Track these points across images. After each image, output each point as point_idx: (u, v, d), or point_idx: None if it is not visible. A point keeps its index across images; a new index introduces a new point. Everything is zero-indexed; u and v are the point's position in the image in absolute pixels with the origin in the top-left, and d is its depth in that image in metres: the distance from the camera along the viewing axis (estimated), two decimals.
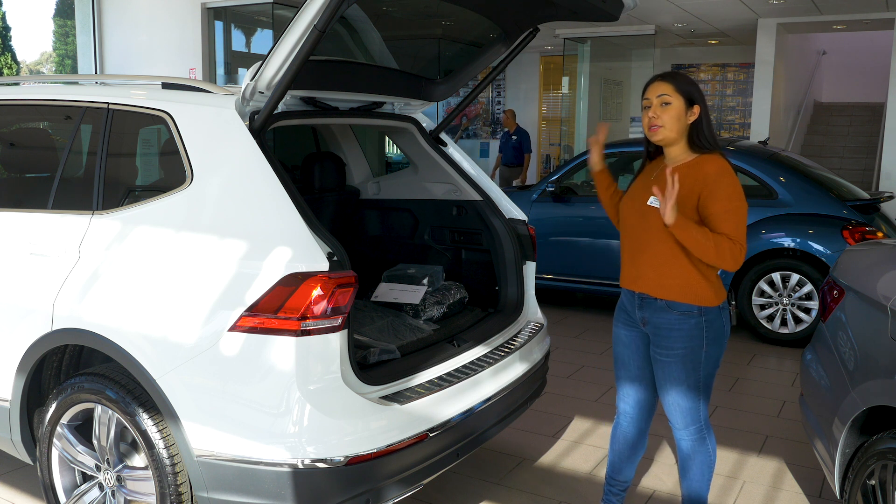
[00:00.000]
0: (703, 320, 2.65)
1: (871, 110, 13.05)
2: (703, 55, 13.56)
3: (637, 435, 2.95)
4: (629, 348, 2.86)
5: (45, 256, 2.88)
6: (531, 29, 3.36)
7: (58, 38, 23.45)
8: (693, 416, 2.75)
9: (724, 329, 2.73)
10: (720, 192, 2.56)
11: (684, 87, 2.62)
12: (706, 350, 2.68)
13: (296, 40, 2.44)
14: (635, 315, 2.78)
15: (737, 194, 2.59)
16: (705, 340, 2.67)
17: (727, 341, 2.77)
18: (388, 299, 3.59)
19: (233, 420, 2.44)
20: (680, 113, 2.61)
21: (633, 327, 2.83)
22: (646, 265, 2.70)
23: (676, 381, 2.71)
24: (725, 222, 2.55)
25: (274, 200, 2.51)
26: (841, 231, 5.66)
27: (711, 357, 2.70)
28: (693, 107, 2.62)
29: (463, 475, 3.59)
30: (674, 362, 2.69)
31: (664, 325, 2.68)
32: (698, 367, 2.69)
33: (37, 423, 2.99)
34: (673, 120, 2.61)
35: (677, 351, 2.68)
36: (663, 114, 2.61)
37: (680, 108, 2.61)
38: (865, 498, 2.53)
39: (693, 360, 2.68)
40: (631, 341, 2.85)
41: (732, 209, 2.57)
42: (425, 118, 3.79)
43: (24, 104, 3.41)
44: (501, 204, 3.66)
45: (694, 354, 2.67)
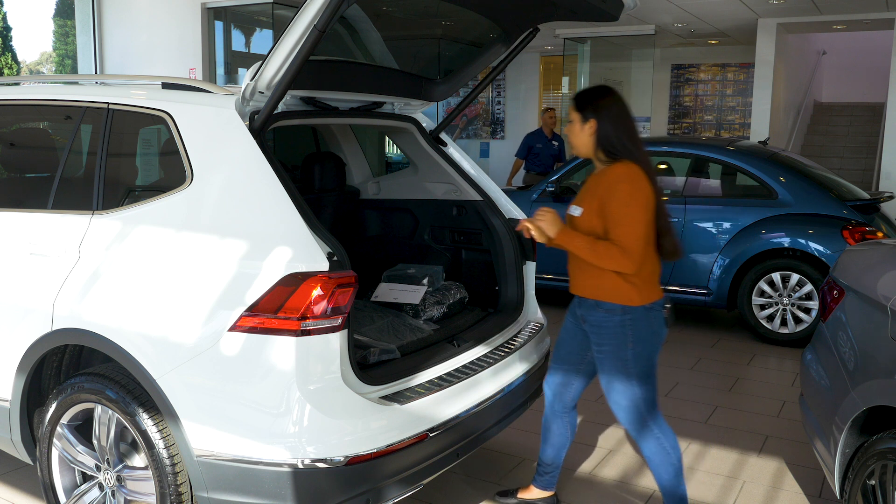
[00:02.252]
0: (626, 319, 2.80)
1: (871, 110, 13.04)
2: (703, 55, 13.56)
3: (551, 417, 3.14)
4: (568, 333, 3.08)
5: (45, 256, 2.88)
6: (531, 29, 3.36)
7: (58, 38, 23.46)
8: (633, 414, 2.88)
9: (653, 329, 2.86)
10: (614, 197, 2.71)
11: (581, 105, 2.84)
12: (632, 349, 2.82)
13: (296, 40, 2.44)
14: (578, 311, 2.99)
15: (629, 200, 2.70)
16: (630, 339, 2.81)
17: (660, 342, 2.91)
18: (388, 299, 3.58)
19: (233, 420, 2.44)
20: (577, 130, 2.85)
21: (576, 321, 3.03)
22: (575, 268, 2.92)
23: (609, 378, 2.88)
24: (615, 226, 2.70)
25: (274, 200, 2.51)
26: (841, 231, 5.66)
27: (640, 356, 2.83)
28: (587, 122, 2.81)
29: (463, 475, 3.59)
30: (605, 359, 2.87)
31: (594, 322, 2.87)
32: (626, 365, 2.83)
33: (37, 423, 2.99)
34: (575, 136, 2.86)
35: (605, 348, 2.86)
36: (569, 132, 2.89)
37: (577, 125, 2.85)
38: (865, 498, 2.53)
39: (620, 358, 2.83)
40: (571, 328, 3.07)
41: (622, 214, 2.69)
42: (425, 118, 3.78)
43: (24, 104, 3.41)
44: (501, 204, 3.66)
45: (619, 352, 2.82)
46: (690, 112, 14.00)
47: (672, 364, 5.41)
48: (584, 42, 12.07)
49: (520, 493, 3.30)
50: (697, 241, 6.17)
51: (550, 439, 3.19)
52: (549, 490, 3.27)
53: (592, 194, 2.79)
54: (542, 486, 3.27)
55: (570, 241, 2.75)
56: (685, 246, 6.20)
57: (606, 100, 2.82)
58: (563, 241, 2.76)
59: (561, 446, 3.20)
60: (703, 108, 13.89)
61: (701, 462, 3.80)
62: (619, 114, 2.81)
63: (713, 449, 3.96)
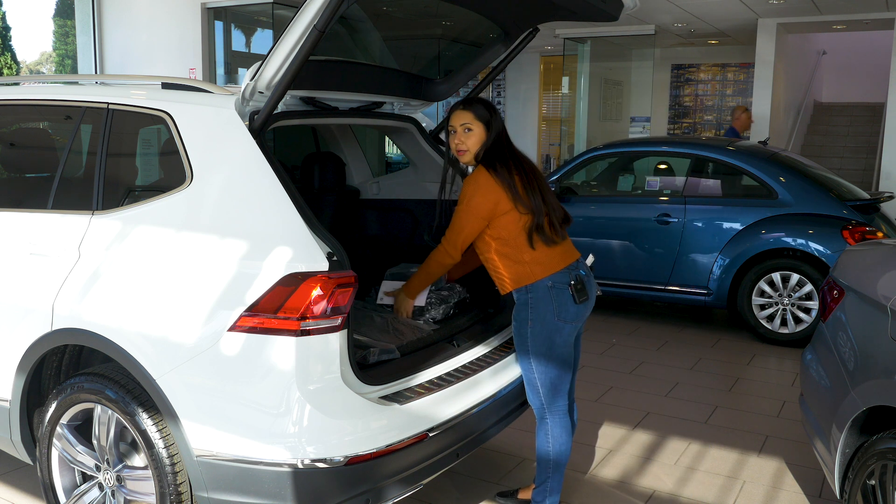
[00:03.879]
0: (528, 297, 2.94)
1: (871, 110, 13.04)
2: (703, 55, 13.56)
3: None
4: None
5: (44, 256, 2.88)
6: (531, 29, 3.36)
7: (58, 38, 23.46)
8: (533, 389, 3.03)
9: (552, 307, 2.93)
10: (462, 193, 2.95)
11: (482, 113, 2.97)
12: (531, 327, 2.94)
13: (296, 40, 2.44)
14: None
15: (467, 195, 2.92)
16: (530, 317, 2.94)
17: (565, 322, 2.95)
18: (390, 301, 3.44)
19: (232, 420, 2.44)
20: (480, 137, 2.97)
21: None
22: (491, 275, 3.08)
23: (519, 356, 3.03)
24: (451, 220, 2.97)
25: (274, 200, 2.51)
26: (841, 231, 5.66)
27: (537, 335, 2.94)
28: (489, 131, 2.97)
29: (463, 475, 3.59)
30: (514, 334, 3.03)
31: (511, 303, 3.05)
32: (525, 341, 2.96)
33: (37, 423, 2.99)
34: (477, 144, 2.97)
35: (514, 324, 3.00)
36: (468, 140, 2.97)
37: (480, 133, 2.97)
38: (865, 498, 2.53)
39: (521, 335, 2.97)
40: None
41: (458, 209, 2.94)
42: (425, 118, 3.78)
43: (24, 104, 3.40)
44: None
45: (521, 328, 2.96)
46: (690, 112, 14.00)
47: (672, 364, 5.41)
48: (584, 42, 12.07)
49: (520, 494, 3.30)
50: (697, 241, 6.17)
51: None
52: None
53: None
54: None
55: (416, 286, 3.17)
56: (685, 246, 6.20)
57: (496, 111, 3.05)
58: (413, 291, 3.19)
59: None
60: (703, 108, 13.89)
61: (701, 462, 3.80)
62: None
63: (713, 449, 3.96)
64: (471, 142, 2.96)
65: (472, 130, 2.96)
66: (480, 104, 2.99)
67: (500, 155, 2.96)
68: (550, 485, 3.09)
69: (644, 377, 5.10)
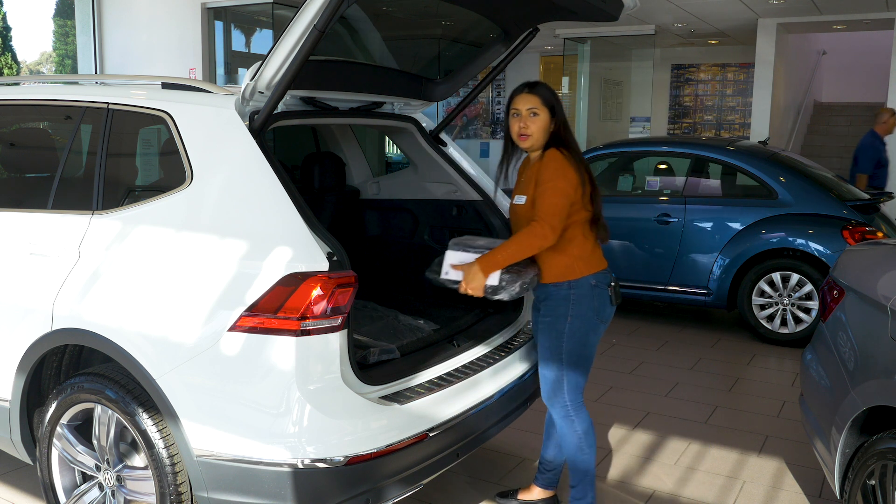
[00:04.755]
0: (571, 293, 2.88)
1: (871, 110, 13.03)
2: (703, 55, 13.56)
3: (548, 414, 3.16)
4: (534, 329, 3.08)
5: (44, 256, 2.88)
6: (531, 29, 3.36)
7: (58, 38, 23.46)
8: (556, 387, 2.95)
9: (595, 306, 2.91)
10: (543, 174, 2.82)
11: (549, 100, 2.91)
12: (570, 322, 2.89)
13: (296, 40, 2.44)
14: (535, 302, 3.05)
15: (556, 174, 2.80)
16: (570, 313, 2.88)
17: (600, 321, 2.95)
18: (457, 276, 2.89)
19: (233, 420, 2.44)
20: (545, 123, 2.90)
21: (536, 311, 3.05)
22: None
23: (542, 348, 2.95)
24: (540, 201, 2.79)
25: (274, 200, 2.51)
26: (841, 231, 5.66)
27: (575, 332, 2.89)
28: (555, 118, 2.91)
29: (463, 475, 3.59)
30: (542, 330, 2.94)
31: (542, 295, 2.96)
32: (561, 338, 2.90)
33: (37, 423, 2.99)
34: (541, 130, 2.90)
35: (545, 318, 2.93)
36: (532, 124, 2.89)
37: (546, 118, 2.90)
38: (865, 498, 2.53)
39: (556, 330, 2.90)
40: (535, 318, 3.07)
41: (548, 188, 2.78)
42: (425, 118, 3.78)
43: (24, 104, 3.41)
44: (501, 204, 3.66)
45: (557, 323, 2.90)
46: (690, 112, 14.00)
47: (672, 364, 5.41)
48: (584, 42, 12.07)
49: (520, 495, 3.30)
50: (697, 241, 6.17)
51: (552, 437, 3.20)
52: (551, 489, 3.27)
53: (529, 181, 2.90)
54: (544, 485, 3.27)
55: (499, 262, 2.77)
56: (685, 246, 6.21)
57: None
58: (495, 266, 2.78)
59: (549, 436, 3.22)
60: (703, 108, 13.90)
61: (701, 462, 3.80)
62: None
63: (713, 449, 3.96)
64: (535, 126, 2.88)
65: (537, 115, 2.88)
66: (547, 89, 2.92)
67: (565, 144, 2.89)
68: (588, 481, 3.03)
69: (644, 377, 5.10)
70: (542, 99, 2.90)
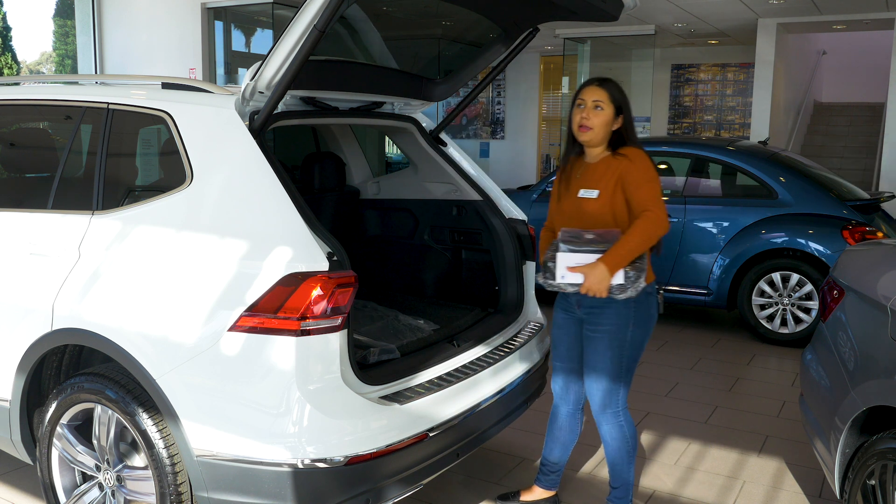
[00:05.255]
0: (630, 301, 2.83)
1: (871, 110, 13.04)
2: (703, 55, 13.55)
3: (565, 416, 3.15)
4: (562, 329, 3.06)
5: (45, 256, 2.88)
6: (531, 29, 3.36)
7: (58, 38, 23.44)
8: (612, 397, 2.93)
9: (651, 314, 2.94)
10: (636, 167, 2.83)
11: (616, 96, 2.89)
12: (632, 330, 2.87)
13: (296, 40, 2.44)
14: (572, 299, 2.99)
15: (651, 168, 2.85)
16: (632, 321, 2.87)
17: (652, 328, 2.97)
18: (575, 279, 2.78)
19: (233, 420, 2.44)
20: (608, 119, 2.87)
21: (569, 312, 3.04)
22: None
23: (602, 358, 2.90)
24: (643, 191, 2.80)
25: (274, 200, 2.51)
26: (841, 231, 5.66)
27: (636, 340, 2.90)
28: (619, 116, 2.89)
29: (463, 475, 3.59)
30: (601, 339, 2.89)
31: (597, 303, 2.88)
32: (623, 346, 2.88)
33: (37, 423, 2.99)
34: (602, 126, 2.86)
35: (605, 328, 2.88)
36: (595, 118, 2.85)
37: (610, 114, 2.87)
38: (865, 498, 2.53)
39: (619, 339, 2.87)
40: (565, 323, 3.05)
41: (647, 178, 2.82)
42: (425, 118, 3.78)
43: (24, 104, 3.41)
44: (501, 204, 3.66)
45: (620, 332, 2.87)
46: (690, 112, 13.99)
47: (672, 364, 5.41)
48: (584, 42, 12.07)
49: (523, 496, 3.29)
50: (697, 241, 6.17)
51: (557, 438, 3.18)
52: (553, 490, 3.27)
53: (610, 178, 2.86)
54: (546, 485, 3.26)
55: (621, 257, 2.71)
56: (685, 246, 6.21)
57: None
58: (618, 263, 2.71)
59: (567, 445, 3.20)
60: (703, 108, 13.88)
61: (701, 462, 3.80)
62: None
63: (713, 449, 3.96)
64: (598, 120, 2.85)
65: (602, 109, 2.85)
66: (616, 87, 2.89)
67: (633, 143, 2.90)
68: (630, 482, 3.05)
69: (644, 377, 5.10)
70: (610, 95, 2.87)
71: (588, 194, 2.87)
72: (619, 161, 2.85)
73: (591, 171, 2.92)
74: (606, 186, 2.84)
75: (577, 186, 2.92)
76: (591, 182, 2.89)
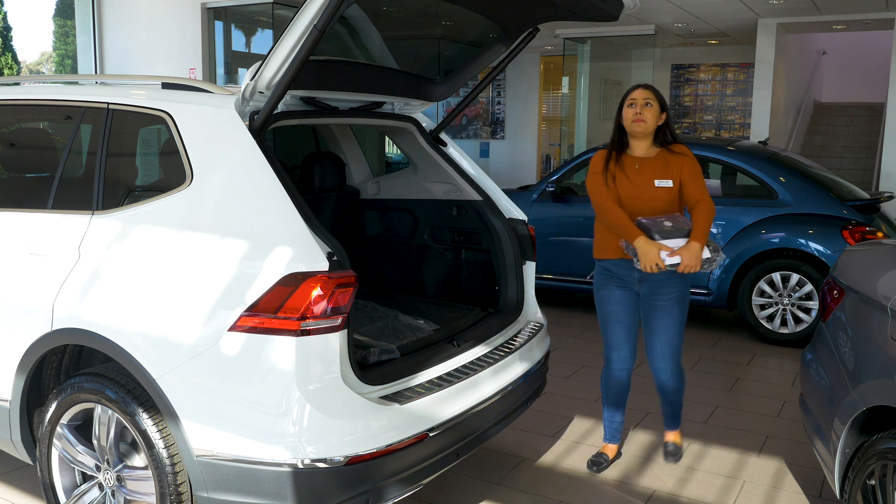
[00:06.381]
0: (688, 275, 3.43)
1: (871, 110, 13.04)
2: (703, 55, 13.55)
3: (629, 377, 3.69)
4: (622, 304, 3.56)
5: (45, 256, 2.88)
6: (531, 29, 3.36)
7: (58, 38, 23.43)
8: (679, 350, 3.57)
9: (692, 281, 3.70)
10: (693, 167, 3.49)
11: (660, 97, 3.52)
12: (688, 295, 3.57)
13: (296, 40, 2.44)
14: (630, 278, 3.50)
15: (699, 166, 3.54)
16: (689, 287, 3.59)
17: None
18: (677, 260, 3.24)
19: (233, 420, 2.44)
20: (656, 114, 3.47)
21: (626, 288, 3.54)
22: None
23: (673, 321, 3.50)
24: (697, 183, 3.46)
25: (274, 200, 2.51)
26: (841, 231, 5.66)
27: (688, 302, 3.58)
28: (663, 113, 3.50)
29: (463, 475, 3.59)
30: (672, 304, 3.48)
31: (660, 277, 3.43)
32: (685, 308, 3.54)
33: (37, 423, 2.99)
34: (653, 119, 3.45)
35: (674, 294, 3.48)
36: (647, 112, 3.43)
37: (657, 110, 3.47)
38: (865, 498, 2.53)
39: (683, 303, 3.52)
40: (624, 299, 3.55)
41: (699, 172, 3.50)
42: (425, 118, 3.78)
43: (24, 104, 3.41)
44: (501, 204, 3.66)
45: (684, 298, 3.53)
46: (690, 112, 13.99)
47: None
48: (584, 42, 12.06)
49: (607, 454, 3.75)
50: None
51: (620, 398, 3.72)
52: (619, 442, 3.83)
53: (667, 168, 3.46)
54: (616, 440, 3.80)
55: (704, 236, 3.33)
56: None
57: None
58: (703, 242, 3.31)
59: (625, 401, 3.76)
60: (703, 108, 13.88)
61: (701, 462, 3.80)
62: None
63: (713, 449, 3.96)
64: (649, 114, 3.42)
65: (651, 106, 3.44)
66: (657, 90, 3.52)
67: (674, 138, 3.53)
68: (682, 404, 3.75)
69: (644, 377, 5.09)
70: (655, 94, 3.48)
71: (664, 184, 3.44)
72: (678, 157, 3.48)
73: (655, 164, 3.48)
74: (675, 177, 3.45)
75: (647, 176, 3.45)
76: (662, 173, 3.46)
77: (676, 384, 3.63)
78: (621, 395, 3.70)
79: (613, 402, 3.72)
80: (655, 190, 3.44)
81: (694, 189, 3.43)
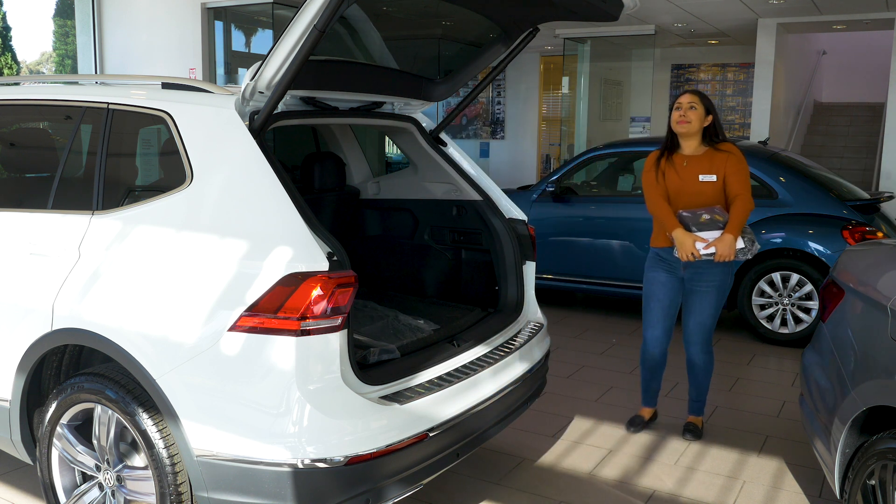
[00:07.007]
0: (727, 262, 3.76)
1: (871, 110, 13.04)
2: (703, 55, 13.55)
3: (662, 354, 4.06)
4: (666, 287, 3.94)
5: (45, 256, 2.88)
6: (531, 29, 3.36)
7: (58, 38, 23.43)
8: (712, 334, 3.96)
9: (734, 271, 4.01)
10: (737, 164, 3.80)
11: (705, 101, 3.85)
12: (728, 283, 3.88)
13: (296, 40, 2.44)
14: (677, 264, 3.88)
15: (744, 160, 3.83)
16: (729, 276, 3.89)
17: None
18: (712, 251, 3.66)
19: (233, 420, 2.44)
20: (701, 116, 3.80)
21: (671, 273, 3.93)
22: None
23: (710, 307, 3.87)
24: (740, 180, 3.78)
25: (274, 200, 2.51)
26: (841, 231, 5.66)
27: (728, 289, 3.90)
28: (708, 115, 3.83)
29: (463, 475, 3.59)
30: (712, 290, 3.85)
31: (703, 265, 3.80)
32: (723, 296, 3.88)
33: (37, 423, 2.99)
34: (697, 120, 3.79)
35: (716, 281, 3.83)
36: (691, 114, 3.78)
37: (702, 113, 3.80)
38: (865, 498, 2.53)
39: (723, 291, 3.87)
40: (668, 282, 3.94)
41: (743, 168, 3.81)
42: (425, 118, 3.78)
43: (24, 104, 3.41)
44: (501, 204, 3.66)
45: (724, 286, 3.86)
46: None
47: (672, 364, 5.38)
48: (584, 42, 12.06)
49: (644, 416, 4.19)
50: None
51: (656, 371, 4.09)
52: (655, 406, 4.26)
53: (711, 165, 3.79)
54: (653, 404, 4.23)
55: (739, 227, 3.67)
56: None
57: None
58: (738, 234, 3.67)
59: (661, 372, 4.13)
60: None
61: (701, 462, 3.80)
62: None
63: (713, 449, 3.96)
64: (693, 116, 3.76)
65: (695, 108, 3.77)
66: (704, 94, 3.85)
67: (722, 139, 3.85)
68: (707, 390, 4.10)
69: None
70: (700, 98, 3.81)
71: (708, 178, 3.77)
72: (724, 155, 3.80)
73: (701, 161, 3.81)
74: (720, 173, 3.77)
75: (693, 172, 3.79)
76: (706, 169, 3.78)
77: (703, 362, 3.97)
78: (656, 368, 4.10)
79: (649, 372, 4.12)
80: (700, 184, 3.77)
81: (734, 184, 3.74)
